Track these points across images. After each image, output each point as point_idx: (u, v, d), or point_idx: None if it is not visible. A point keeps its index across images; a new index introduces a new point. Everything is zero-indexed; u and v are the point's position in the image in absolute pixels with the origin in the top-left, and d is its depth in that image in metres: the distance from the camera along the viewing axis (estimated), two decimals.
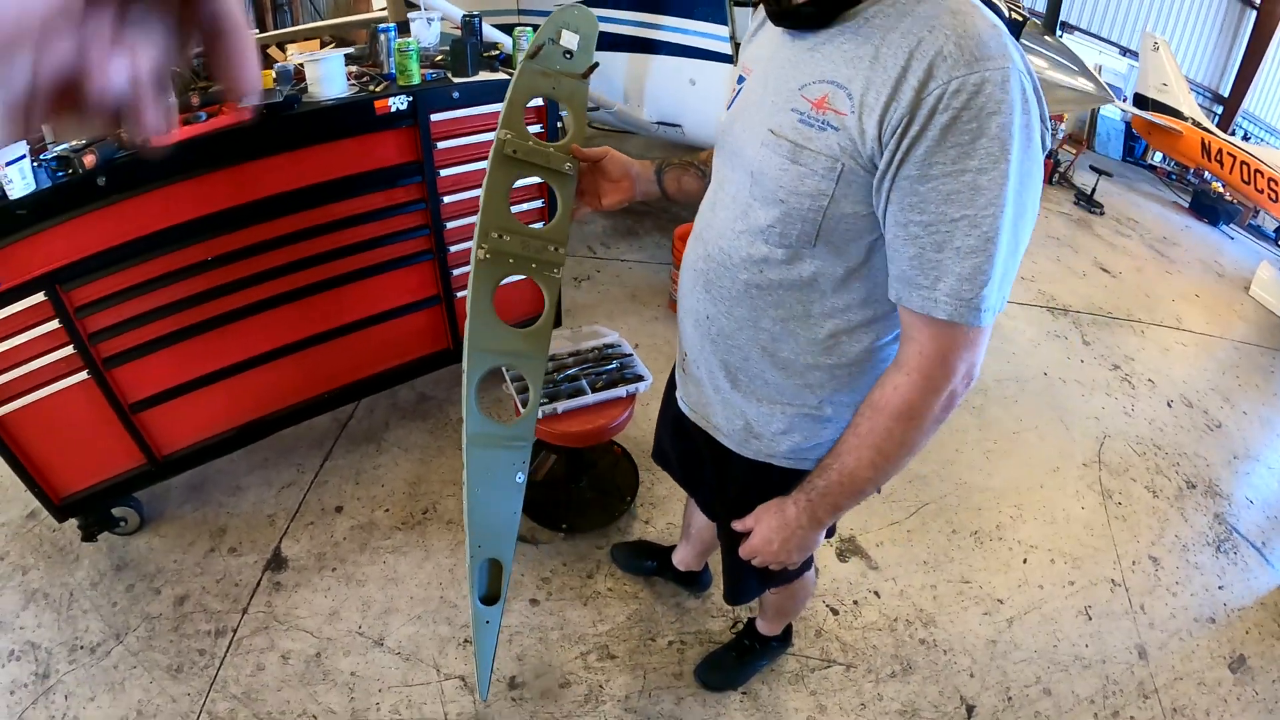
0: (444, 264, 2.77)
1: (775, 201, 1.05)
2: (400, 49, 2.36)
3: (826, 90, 0.97)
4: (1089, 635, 2.43)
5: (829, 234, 1.03)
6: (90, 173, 1.97)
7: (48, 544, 2.54)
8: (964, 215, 0.88)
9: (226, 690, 2.10)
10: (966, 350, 0.97)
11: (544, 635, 2.26)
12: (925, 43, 0.87)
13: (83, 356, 2.17)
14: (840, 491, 1.13)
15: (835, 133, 0.96)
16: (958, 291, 0.91)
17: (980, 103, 0.84)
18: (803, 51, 1.02)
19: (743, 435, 1.32)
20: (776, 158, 1.03)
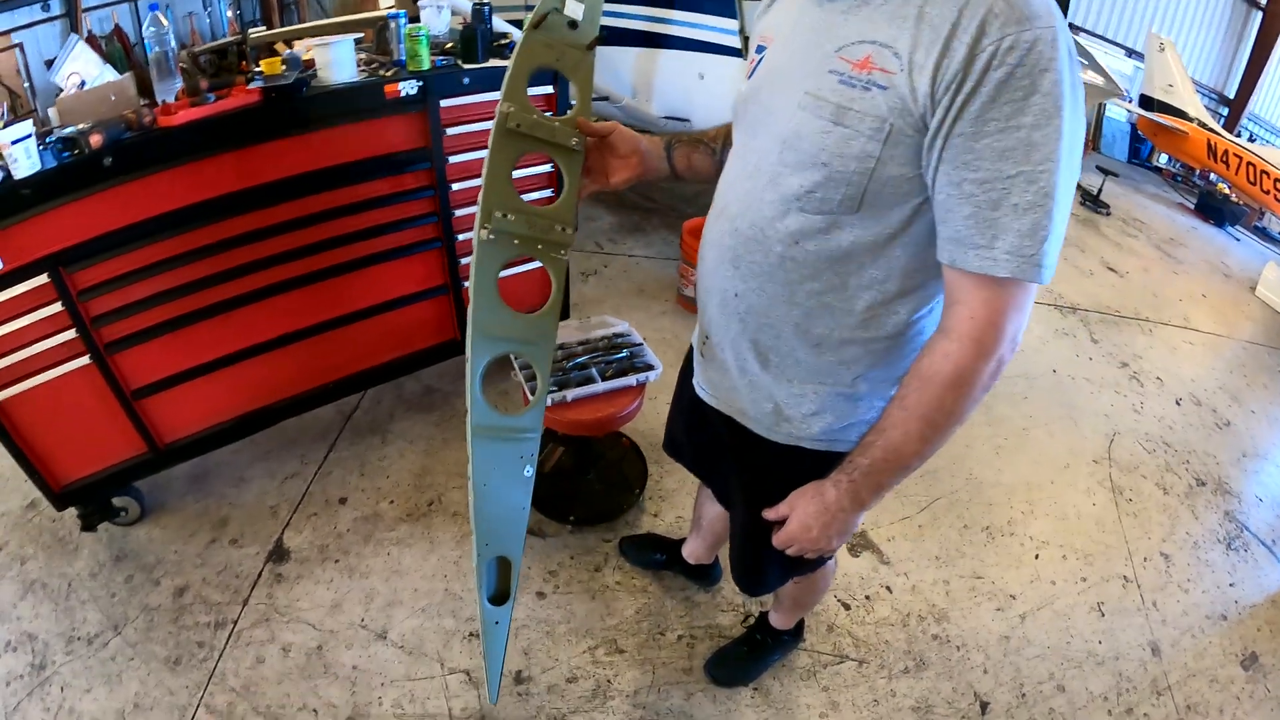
0: (452, 252, 2.75)
1: (815, 165, 1.02)
2: (411, 34, 2.34)
3: (869, 50, 0.95)
4: (1102, 631, 2.41)
5: (873, 198, 1.01)
6: (96, 153, 1.95)
7: (47, 534, 2.53)
8: (1020, 171, 0.88)
9: (225, 683, 2.09)
10: (1016, 312, 0.96)
11: (551, 629, 2.24)
12: (974, 2, 0.86)
13: (85, 341, 2.15)
14: (885, 468, 1.10)
15: (883, 92, 0.94)
16: (1019, 248, 0.90)
17: (1033, 59, 0.84)
18: (835, 14, 1.01)
19: (772, 419, 1.29)
20: (817, 120, 1.00)
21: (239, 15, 10.50)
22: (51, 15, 8.38)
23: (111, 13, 9.03)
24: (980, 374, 0.99)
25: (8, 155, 1.86)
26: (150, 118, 2.05)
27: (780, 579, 1.68)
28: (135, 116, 2.04)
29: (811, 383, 1.22)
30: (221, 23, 10.31)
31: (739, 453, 1.41)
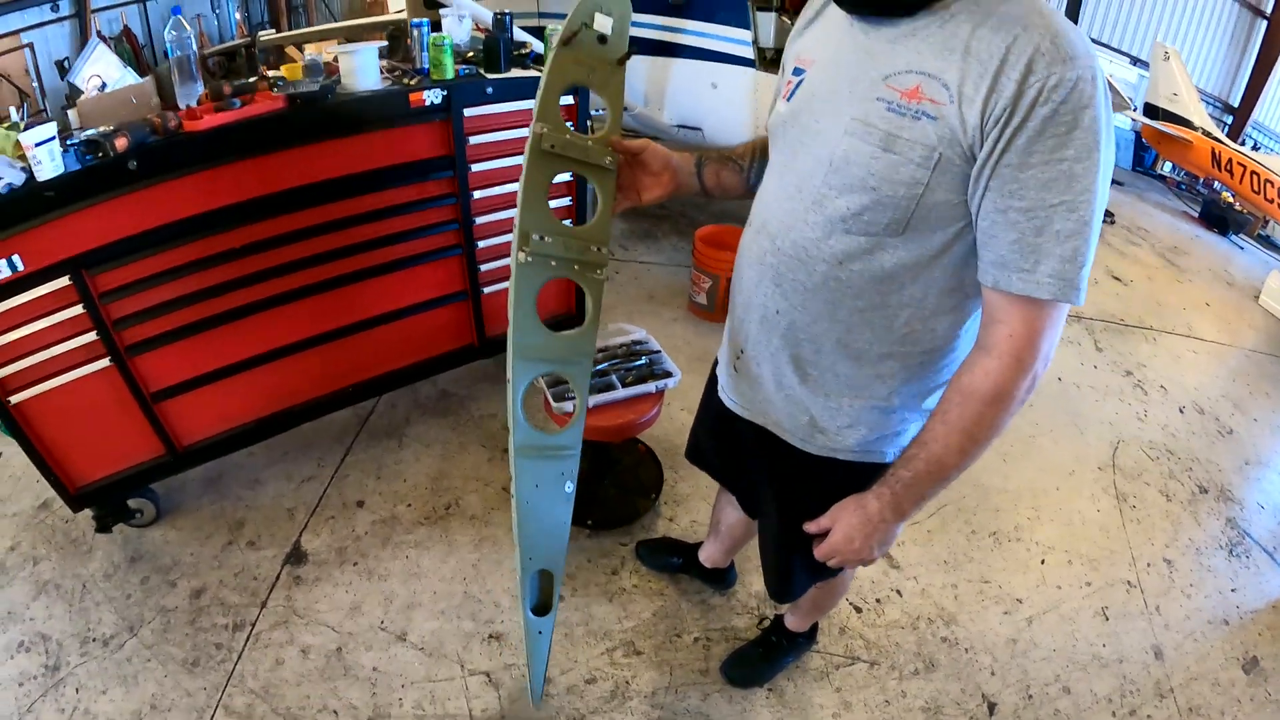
0: (472, 259, 2.78)
1: (864, 189, 1.06)
2: (435, 43, 2.37)
3: (919, 80, 1.00)
4: (1106, 635, 2.45)
5: (919, 222, 1.06)
6: (121, 156, 1.97)
7: (60, 535, 2.54)
8: (1062, 200, 0.94)
9: (244, 684, 2.10)
10: (1052, 330, 1.02)
11: (569, 631, 2.27)
12: (1021, 39, 0.92)
13: (105, 343, 2.18)
14: (927, 480, 1.14)
15: (933, 122, 0.99)
16: (1060, 272, 0.96)
17: (1076, 97, 0.90)
18: (881, 42, 1.05)
19: (807, 431, 1.33)
20: (866, 146, 1.05)
21: (247, 18, 10.54)
22: (61, 16, 8.41)
23: (120, 14, 9.06)
24: (1019, 389, 1.05)
25: (31, 157, 1.87)
26: (175, 122, 2.07)
27: (808, 584, 1.73)
28: (160, 121, 2.06)
29: (848, 396, 1.26)
30: (230, 25, 10.34)
31: (772, 464, 1.45)
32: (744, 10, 3.71)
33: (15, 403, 2.12)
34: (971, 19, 0.97)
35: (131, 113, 2.15)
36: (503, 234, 2.81)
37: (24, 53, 7.86)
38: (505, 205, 2.75)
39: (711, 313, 3.89)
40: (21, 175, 1.91)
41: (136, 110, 2.16)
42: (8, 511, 2.64)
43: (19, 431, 2.17)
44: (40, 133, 1.88)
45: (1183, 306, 5.11)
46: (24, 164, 1.91)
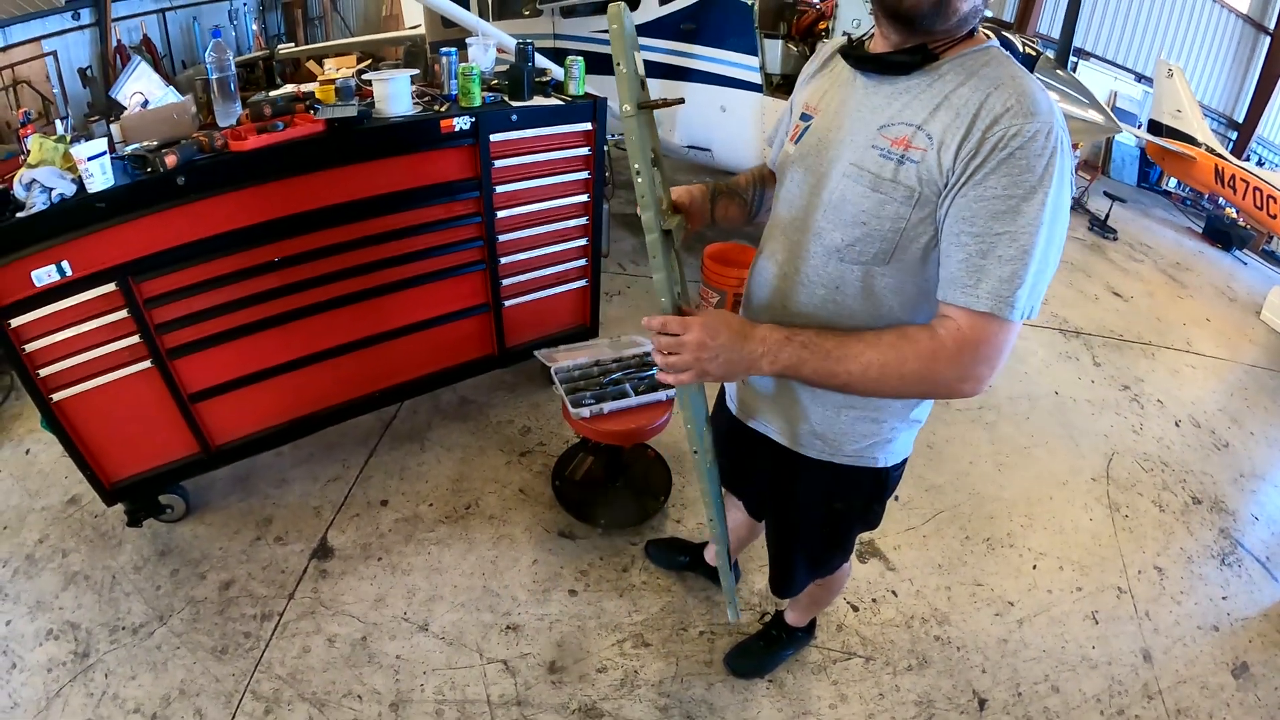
0: (494, 274, 2.91)
1: (856, 225, 1.20)
2: (464, 73, 2.51)
3: (907, 132, 1.14)
4: (1095, 638, 2.53)
5: (901, 252, 1.19)
6: (171, 172, 2.07)
7: (89, 529, 2.63)
8: (1006, 231, 1.06)
9: (271, 671, 2.19)
10: (992, 342, 1.11)
11: (582, 624, 2.38)
12: (993, 97, 1.07)
13: (148, 346, 2.28)
14: (818, 361, 1.17)
15: (915, 165, 1.12)
16: (996, 291, 1.07)
17: (1032, 146, 1.04)
18: (880, 97, 1.19)
19: (807, 437, 1.47)
20: (858, 187, 1.19)
21: (264, 30, 10.62)
22: (82, 24, 8.51)
23: (140, 23, 9.17)
24: (943, 373, 1.13)
25: (83, 170, 1.98)
26: (222, 141, 2.18)
27: (807, 580, 1.86)
28: (207, 140, 2.17)
29: (844, 406, 1.40)
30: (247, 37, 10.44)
31: (774, 467, 1.59)
32: (752, 37, 3.82)
33: (58, 400, 2.22)
34: (956, 78, 1.11)
35: (172, 129, 2.26)
36: (522, 251, 2.96)
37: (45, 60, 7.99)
38: (526, 224, 2.89)
39: None
40: (72, 186, 2.01)
41: (177, 126, 2.27)
42: (36, 506, 2.73)
43: (59, 427, 2.26)
44: (93, 147, 1.98)
45: (1183, 322, 5.17)
46: (74, 175, 2.01)
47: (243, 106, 2.39)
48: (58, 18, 8.20)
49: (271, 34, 10.76)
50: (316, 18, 11.40)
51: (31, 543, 2.58)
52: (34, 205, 1.98)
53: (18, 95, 7.50)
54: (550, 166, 2.86)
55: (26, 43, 7.85)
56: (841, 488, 1.52)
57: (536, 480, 2.93)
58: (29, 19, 7.83)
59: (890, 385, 1.17)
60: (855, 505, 1.59)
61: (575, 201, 3.01)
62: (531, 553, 2.62)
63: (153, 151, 2.10)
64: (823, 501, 1.58)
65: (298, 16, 11.04)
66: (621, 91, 1.16)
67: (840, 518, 1.63)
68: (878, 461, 1.47)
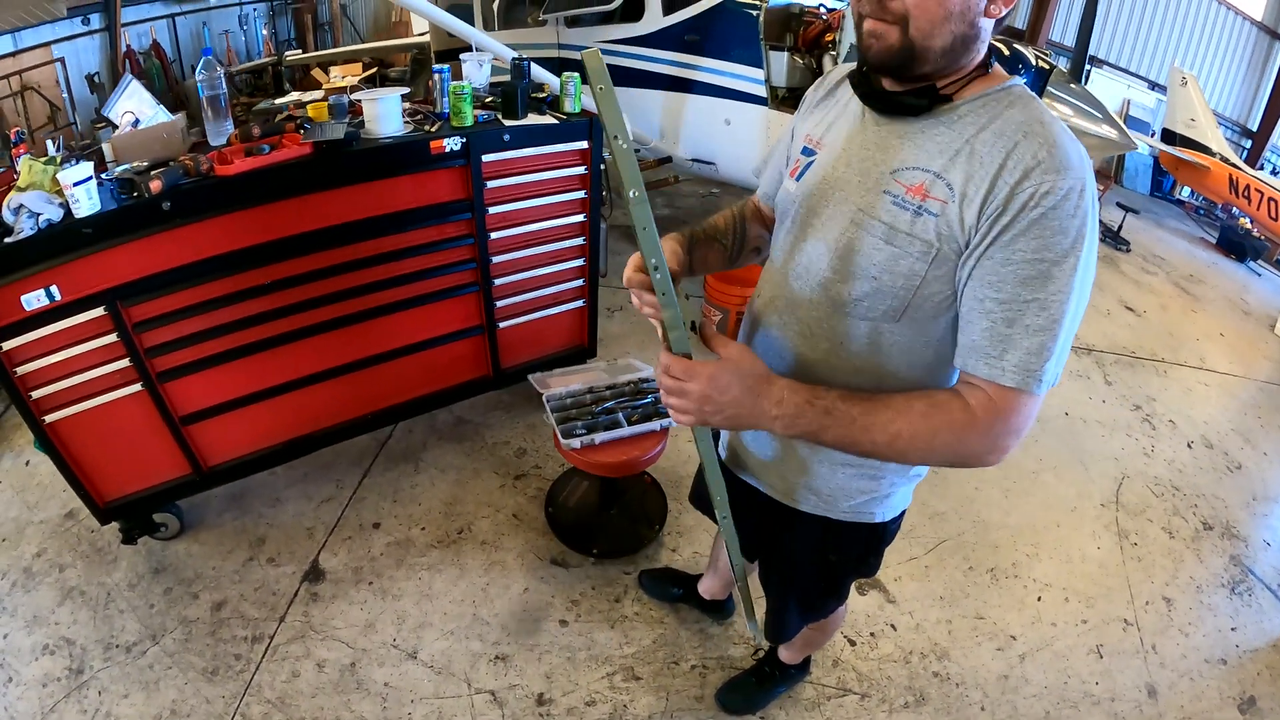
0: (489, 296, 2.87)
1: (867, 278, 1.11)
2: (455, 91, 2.47)
3: (924, 179, 1.05)
4: (1099, 673, 2.46)
5: (915, 310, 1.11)
6: (156, 197, 2.06)
7: (85, 544, 2.64)
8: (1035, 298, 0.98)
9: (261, 694, 2.18)
10: (1019, 415, 1.03)
11: (572, 655, 2.34)
12: (1021, 146, 0.98)
13: (138, 369, 2.27)
14: (837, 427, 1.07)
15: (934, 219, 1.04)
16: (1024, 363, 1.00)
17: (1065, 207, 0.96)
18: (892, 136, 1.11)
19: (803, 492, 1.40)
20: (870, 238, 1.10)
21: (274, 35, 10.66)
22: (92, 29, 8.55)
23: (150, 28, 9.21)
24: (975, 445, 1.05)
25: (69, 196, 1.97)
26: (207, 165, 2.17)
27: (800, 626, 1.80)
28: (193, 164, 2.15)
29: (841, 463, 1.32)
30: (257, 42, 10.48)
31: (763, 516, 1.52)
32: (757, 49, 3.77)
33: (50, 421, 2.23)
34: (977, 122, 1.03)
35: (163, 148, 2.25)
36: (517, 272, 2.92)
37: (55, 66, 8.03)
38: (520, 245, 2.85)
39: None
40: (59, 211, 2.01)
41: (168, 146, 2.27)
42: (35, 519, 2.76)
43: (52, 449, 2.27)
44: (78, 172, 1.98)
45: (1196, 337, 5.08)
46: (62, 200, 2.01)
47: (235, 124, 2.38)
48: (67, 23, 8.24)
49: (281, 39, 10.80)
50: (326, 24, 11.45)
51: (29, 556, 2.61)
52: (22, 230, 1.99)
53: (25, 101, 7.54)
54: (545, 186, 2.82)
55: (36, 48, 7.89)
56: (836, 542, 1.46)
57: (531, 505, 2.89)
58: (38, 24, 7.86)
59: (915, 455, 1.09)
60: (850, 558, 1.53)
61: (571, 221, 2.96)
62: (523, 580, 2.58)
63: (141, 173, 2.09)
64: (816, 554, 1.52)
65: (308, 22, 11.08)
66: (624, 172, 0.99)
67: (834, 569, 1.56)
68: (874, 517, 1.41)
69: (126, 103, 2.70)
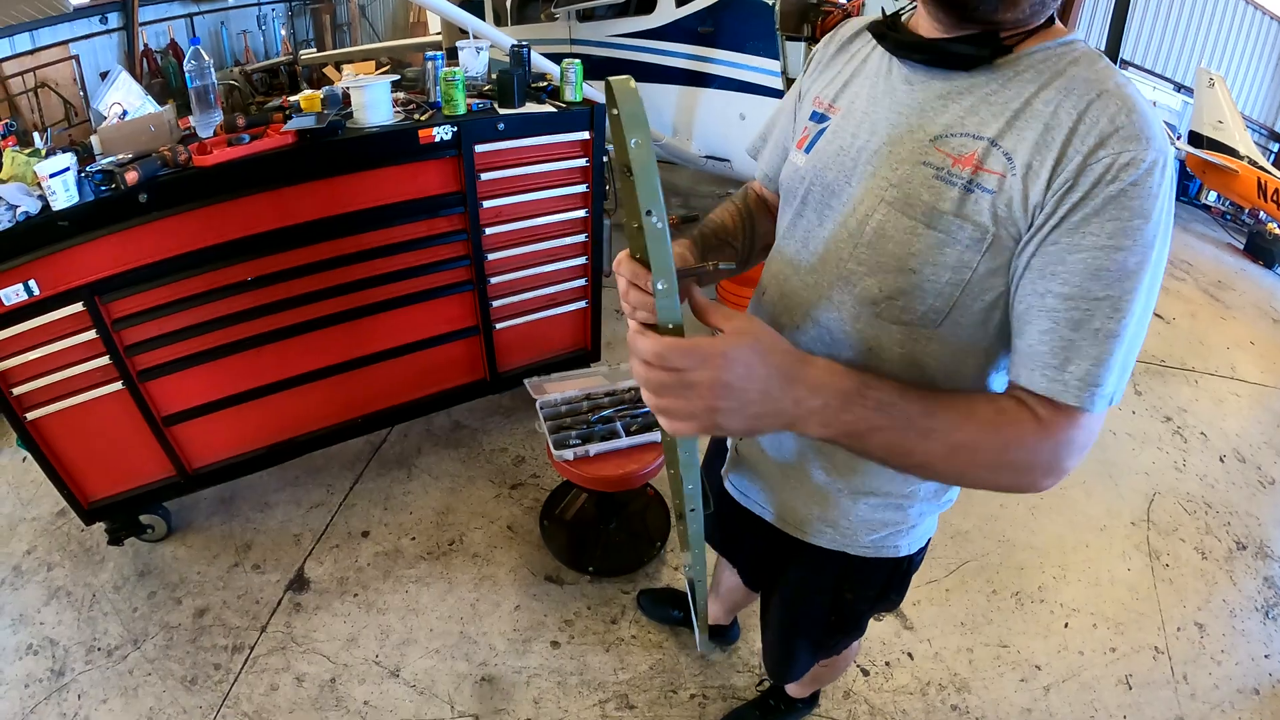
0: (484, 295, 2.77)
1: (901, 270, 0.91)
2: (446, 78, 2.36)
3: (976, 147, 0.85)
4: (1128, 705, 2.32)
5: (961, 312, 0.91)
6: (132, 189, 2.01)
7: (74, 543, 2.63)
8: (1108, 295, 0.79)
9: (238, 707, 2.12)
10: (1081, 433, 0.84)
11: (563, 680, 2.22)
12: (1095, 107, 0.80)
13: (118, 367, 2.23)
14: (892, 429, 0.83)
15: (990, 196, 0.84)
16: (1090, 376, 0.81)
17: (1148, 184, 0.77)
18: (930, 96, 0.91)
19: (815, 526, 1.21)
20: (905, 220, 0.90)
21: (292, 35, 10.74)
22: (109, 29, 8.62)
23: (167, 27, 9.27)
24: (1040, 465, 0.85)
25: (46, 188, 1.93)
26: (186, 156, 2.10)
27: (810, 664, 1.61)
28: (171, 154, 2.09)
29: (865, 491, 1.14)
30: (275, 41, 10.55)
31: (770, 547, 1.34)
32: (773, 40, 3.63)
33: (31, 419, 2.20)
34: (1038, 79, 0.84)
35: (150, 141, 2.19)
36: (514, 271, 2.81)
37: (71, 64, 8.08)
38: (517, 242, 2.74)
39: None
40: (37, 204, 1.97)
41: (155, 138, 2.21)
42: (28, 515, 2.76)
43: (34, 446, 2.24)
44: (55, 163, 1.93)
45: (1226, 345, 4.93)
46: (41, 192, 1.96)
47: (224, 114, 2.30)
48: (85, 21, 8.34)
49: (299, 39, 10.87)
50: (344, 24, 11.52)
51: (20, 554, 2.61)
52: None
53: (39, 98, 7.59)
54: (544, 179, 2.69)
55: (53, 46, 7.97)
56: (854, 579, 1.26)
57: (526, 517, 2.78)
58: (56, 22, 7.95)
59: (974, 475, 0.86)
60: (869, 595, 1.33)
61: (572, 217, 2.84)
62: (514, 597, 2.46)
63: (121, 166, 2.03)
64: (831, 591, 1.32)
65: (326, 22, 11.16)
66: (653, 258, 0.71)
67: (851, 606, 1.37)
68: (899, 550, 1.22)
69: (115, 94, 2.65)
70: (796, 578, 1.36)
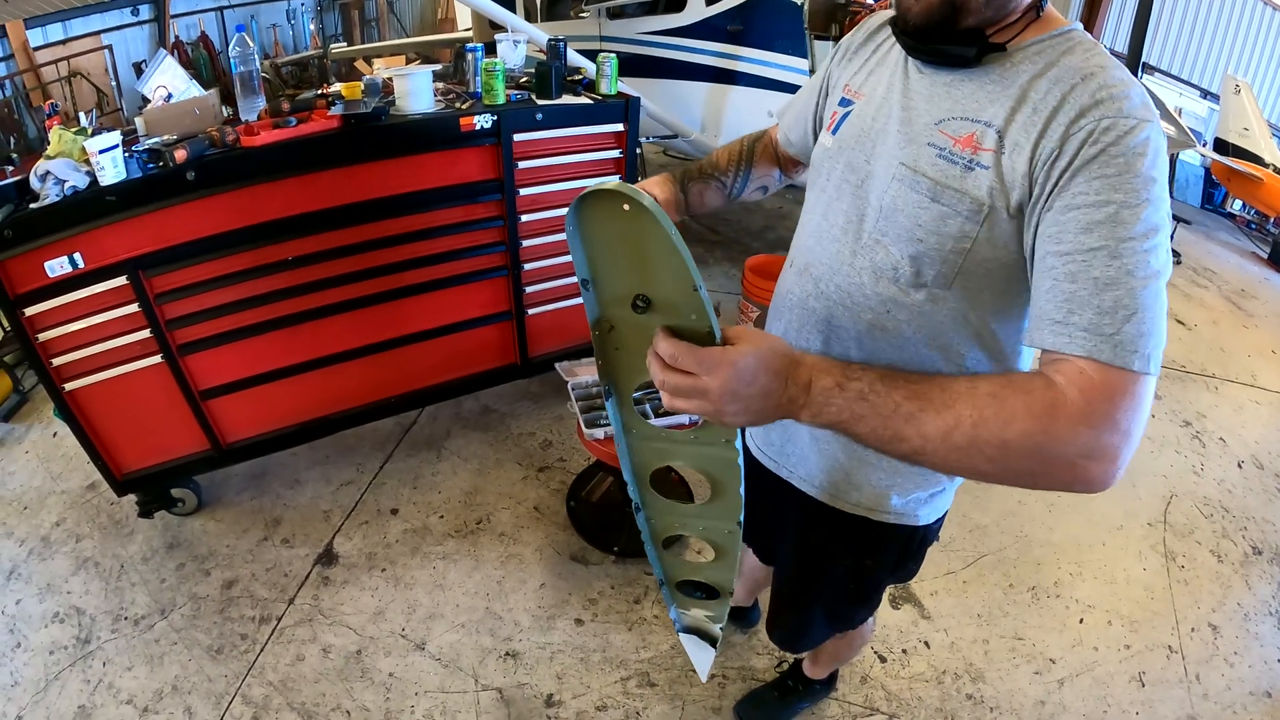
0: (518, 281, 2.81)
1: (911, 240, 1.00)
2: (487, 69, 2.41)
3: (974, 129, 0.94)
4: (1140, 703, 2.33)
5: (967, 276, 0.99)
6: (180, 167, 2.06)
7: (104, 515, 2.68)
8: (1103, 245, 0.82)
9: (264, 676, 2.16)
10: (1113, 397, 0.79)
11: (585, 656, 2.26)
12: (1079, 88, 0.87)
13: (158, 341, 2.27)
14: (875, 416, 0.85)
15: (985, 172, 0.92)
16: (1096, 325, 0.81)
17: (1129, 142, 0.83)
18: (938, 85, 1.00)
19: (841, 488, 1.27)
20: (914, 194, 0.99)
21: (321, 29, 10.82)
22: (141, 20, 8.72)
23: (199, 20, 9.37)
24: (1066, 436, 0.80)
25: (95, 163, 1.98)
26: (234, 136, 2.15)
27: (824, 636, 1.68)
28: (219, 135, 2.14)
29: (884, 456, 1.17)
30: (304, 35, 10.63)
31: (797, 517, 1.41)
32: (801, 39, 3.67)
33: (70, 390, 2.24)
34: (1032, 69, 0.92)
35: (195, 123, 2.25)
36: (547, 258, 2.84)
37: (104, 54, 8.19)
38: (552, 229, 2.77)
39: None
40: (86, 179, 2.03)
41: (200, 121, 2.26)
42: (58, 488, 2.81)
43: (71, 417, 2.28)
44: (104, 140, 1.99)
45: (1248, 353, 4.90)
46: (89, 168, 2.02)
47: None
48: (117, 13, 8.44)
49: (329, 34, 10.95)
50: (373, 19, 11.59)
51: (49, 525, 2.66)
52: (47, 196, 2.01)
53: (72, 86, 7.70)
54: (578, 169, 2.73)
55: (85, 36, 8.08)
56: (876, 545, 1.33)
57: (553, 498, 2.82)
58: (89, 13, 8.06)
59: (982, 456, 0.82)
60: (888, 563, 1.40)
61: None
62: (540, 576, 2.51)
63: (168, 145, 2.08)
64: (852, 556, 1.39)
65: (354, 17, 11.24)
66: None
67: (870, 573, 1.43)
68: (920, 519, 1.29)
69: (160, 78, 2.71)
70: (818, 544, 1.42)
